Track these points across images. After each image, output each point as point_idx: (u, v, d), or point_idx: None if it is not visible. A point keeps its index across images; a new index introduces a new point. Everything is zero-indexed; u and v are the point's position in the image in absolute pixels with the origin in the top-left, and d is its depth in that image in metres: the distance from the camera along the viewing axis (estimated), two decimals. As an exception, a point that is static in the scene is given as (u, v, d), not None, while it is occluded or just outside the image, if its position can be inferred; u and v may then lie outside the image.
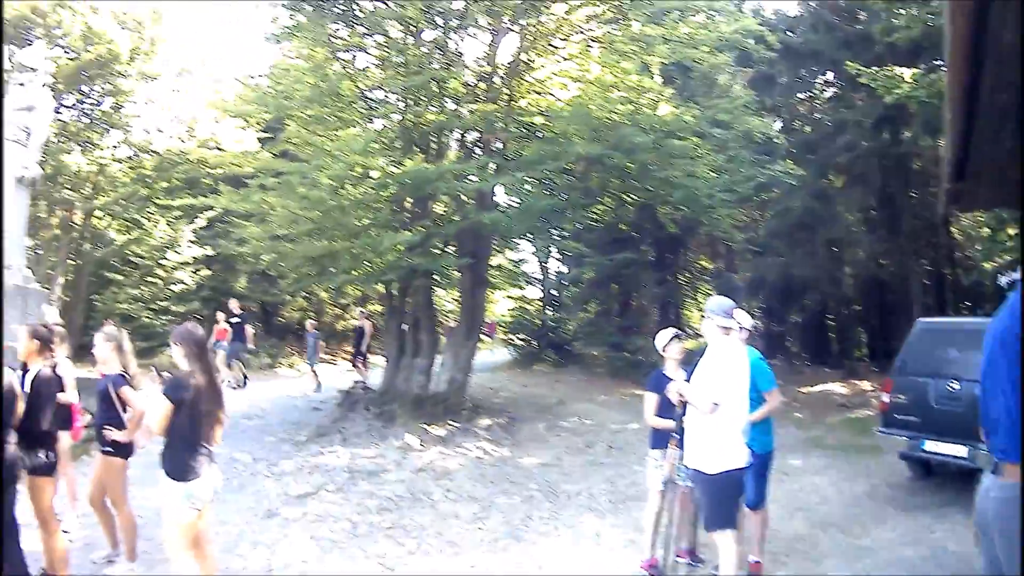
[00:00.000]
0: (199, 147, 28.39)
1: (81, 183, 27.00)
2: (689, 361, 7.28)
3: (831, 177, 27.60)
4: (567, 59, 17.00)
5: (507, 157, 16.90)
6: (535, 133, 17.69)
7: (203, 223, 28.72)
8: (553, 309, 32.60)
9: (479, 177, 15.38)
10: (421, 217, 16.30)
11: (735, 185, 17.61)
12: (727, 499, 6.46)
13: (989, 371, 3.84)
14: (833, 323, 34.29)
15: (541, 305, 32.87)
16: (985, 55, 2.75)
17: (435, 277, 17.97)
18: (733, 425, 6.34)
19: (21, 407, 6.09)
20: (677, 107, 17.13)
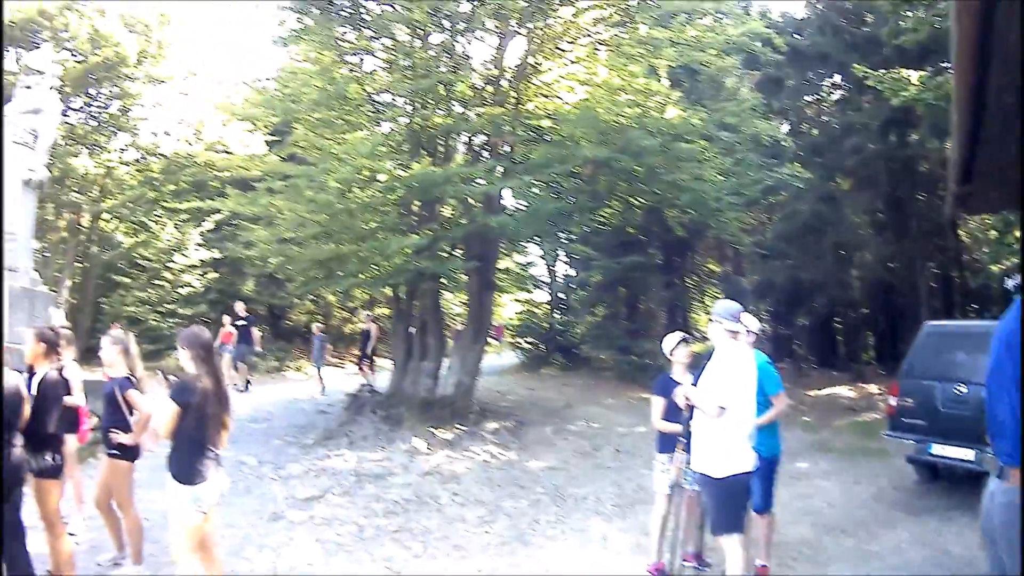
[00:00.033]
0: (207, 150, 28.41)
1: (88, 186, 27.01)
2: (696, 365, 7.27)
3: (839, 180, 27.62)
4: (574, 62, 16.96)
5: (514, 160, 16.89)
6: (542, 136, 17.67)
7: (210, 226, 28.80)
8: (561, 312, 32.57)
9: (486, 180, 15.36)
10: (428, 220, 16.31)
11: (743, 188, 17.62)
12: (733, 503, 6.45)
13: (995, 374, 3.82)
14: (840, 326, 34.32)
15: (548, 308, 32.86)
16: (991, 57, 2.74)
17: (442, 280, 17.95)
18: (740, 429, 6.32)
19: (27, 410, 6.10)
20: (685, 110, 17.12)
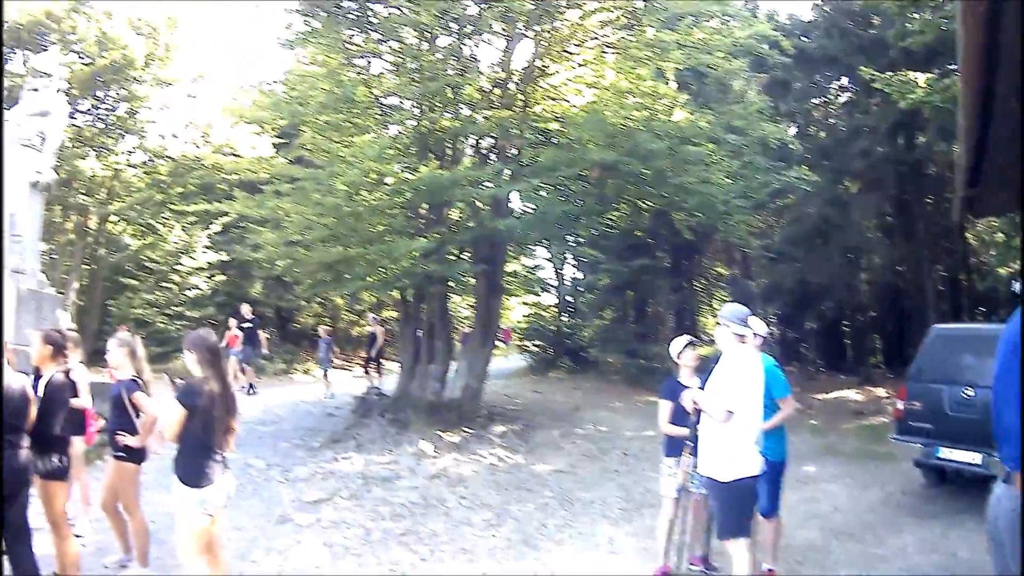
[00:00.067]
0: (214, 153, 28.54)
1: (96, 188, 27.10)
2: (704, 368, 7.26)
3: (846, 183, 27.54)
4: (582, 65, 16.98)
5: (522, 163, 16.89)
6: (550, 139, 17.65)
7: (218, 228, 28.89)
8: (568, 316, 32.58)
9: (494, 183, 15.35)
10: (436, 224, 16.30)
11: (750, 191, 17.60)
12: (740, 507, 6.43)
13: (1002, 378, 3.78)
14: (848, 329, 34.23)
15: (556, 312, 32.80)
16: (998, 59, 2.73)
17: (450, 284, 17.93)
18: (747, 433, 6.31)
19: (34, 412, 6.12)
20: (692, 113, 17.09)
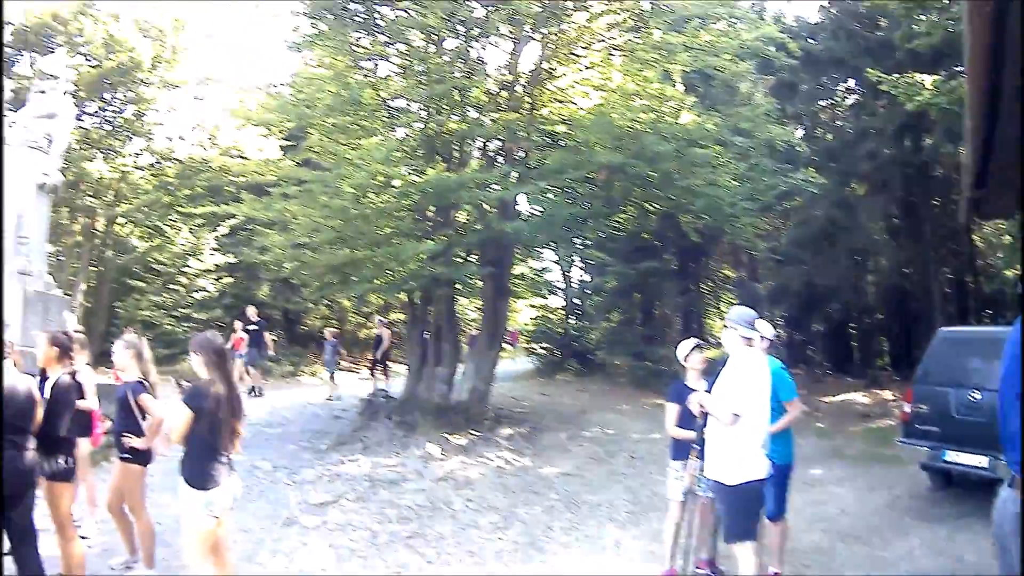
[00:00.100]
0: (221, 155, 28.54)
1: (103, 190, 27.12)
2: (711, 371, 7.25)
3: (853, 185, 27.49)
4: (589, 67, 16.97)
5: (529, 166, 16.88)
6: (557, 142, 17.62)
7: (225, 231, 28.89)
8: (576, 318, 32.56)
9: (501, 186, 15.36)
10: (443, 226, 16.28)
11: (757, 194, 17.55)
12: (747, 510, 6.43)
13: (1008, 380, 3.77)
14: (855, 332, 34.19)
15: (564, 314, 32.82)
16: (1005, 60, 2.72)
17: (457, 286, 17.90)
18: (753, 436, 6.30)
19: (40, 413, 6.12)
20: (699, 115, 17.05)
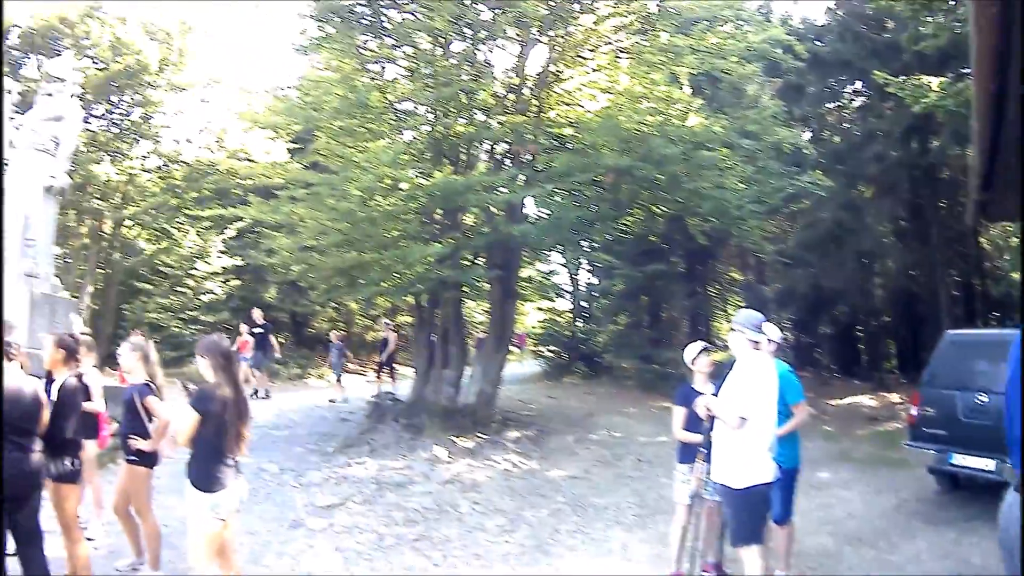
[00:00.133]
0: (229, 158, 28.55)
1: (111, 193, 27.19)
2: (718, 374, 7.23)
3: (861, 188, 27.43)
4: (596, 70, 16.97)
5: (536, 169, 16.86)
6: (564, 144, 17.56)
7: (233, 233, 28.95)
8: (583, 321, 32.55)
9: (508, 189, 15.35)
10: (451, 229, 16.30)
11: (764, 196, 17.50)
12: (753, 514, 6.42)
13: (1015, 383, 3.75)
14: (862, 335, 34.13)
15: (571, 317, 32.81)
16: (1011, 62, 2.71)
17: (465, 289, 17.94)
18: (760, 440, 6.29)
19: (47, 415, 6.13)
20: (706, 118, 17.04)
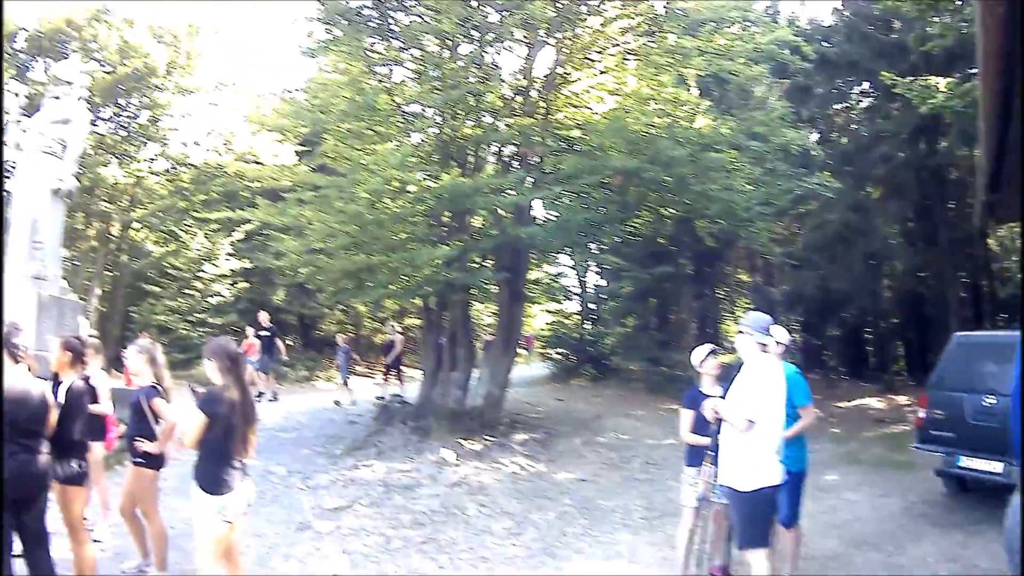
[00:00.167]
0: (236, 160, 28.62)
1: (118, 195, 27.31)
2: (726, 377, 7.22)
3: (868, 189, 27.37)
4: (603, 72, 16.94)
5: (544, 171, 16.84)
6: (572, 146, 17.54)
7: (241, 236, 29.00)
8: (591, 323, 32.43)
9: (516, 191, 15.30)
10: (459, 231, 16.29)
11: (772, 198, 17.44)
12: (760, 517, 6.41)
13: (1018, 386, 3.72)
14: (870, 337, 34.09)
15: (579, 319, 32.72)
16: (1017, 62, 2.69)
17: (472, 291, 17.91)
18: (768, 443, 6.28)
19: (54, 417, 6.14)
20: (714, 119, 17.04)
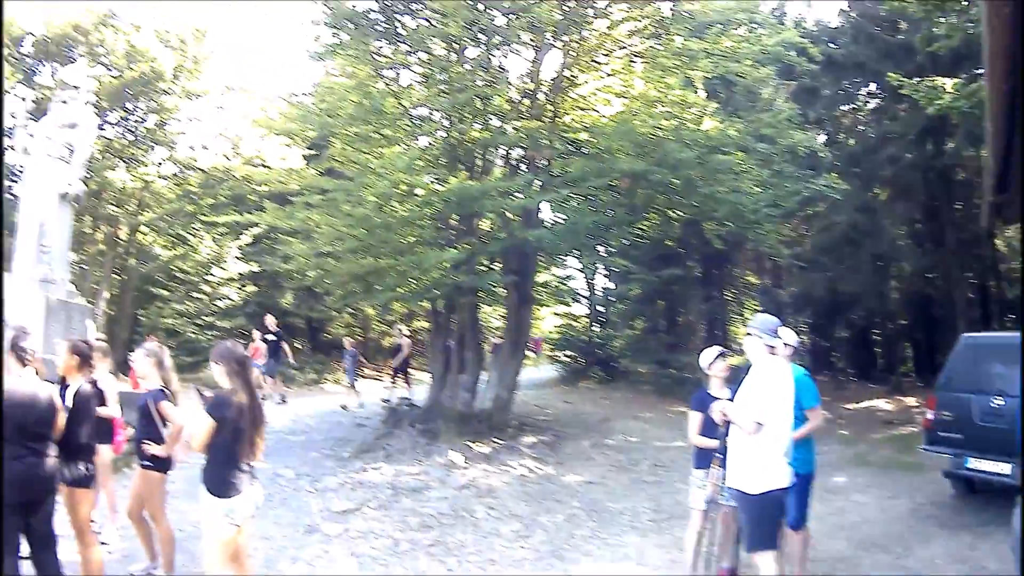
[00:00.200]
0: (244, 164, 28.68)
1: (126, 199, 27.39)
2: (734, 379, 7.21)
3: (876, 190, 27.36)
4: (610, 75, 16.94)
5: (552, 174, 16.82)
6: (580, 149, 17.56)
7: (249, 239, 29.10)
8: (599, 326, 32.42)
9: (524, 194, 15.28)
10: (466, 235, 16.28)
11: (780, 200, 17.43)
12: (768, 519, 6.40)
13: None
14: (879, 338, 34.06)
15: (587, 322, 32.70)
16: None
17: (480, 294, 17.89)
18: (776, 445, 6.27)
19: (62, 420, 6.16)
20: (721, 121, 17.05)
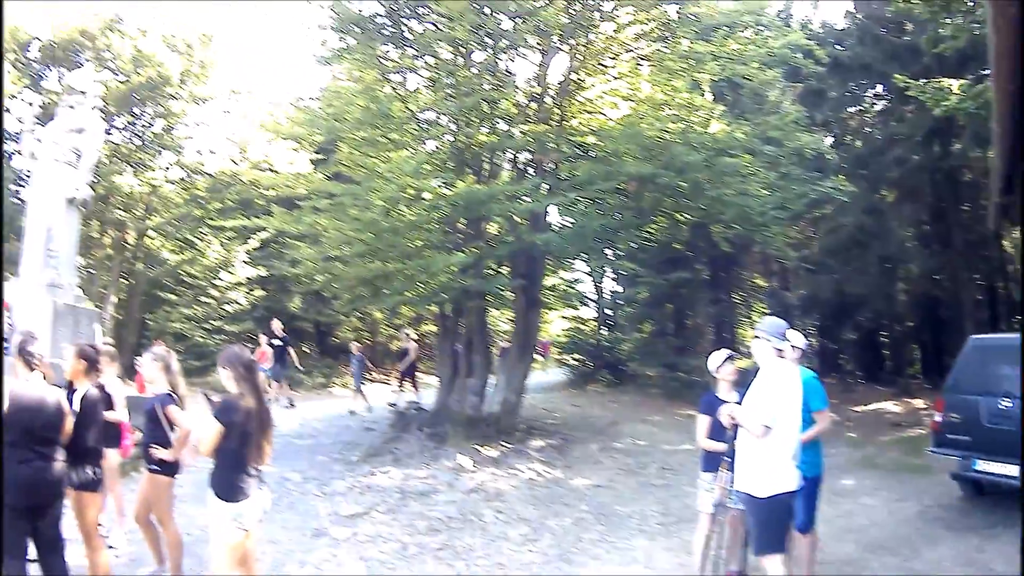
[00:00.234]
0: (252, 168, 28.62)
1: (134, 204, 27.41)
2: (743, 382, 7.20)
3: (883, 192, 27.34)
4: (617, 78, 16.92)
5: (559, 177, 16.82)
6: (587, 153, 17.54)
7: (256, 244, 29.15)
8: (607, 329, 32.44)
9: (532, 198, 15.29)
10: (474, 238, 16.26)
11: (787, 202, 17.43)
12: (776, 523, 6.39)
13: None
14: (886, 340, 34.00)
15: (595, 325, 32.70)
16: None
17: (488, 298, 17.88)
18: (784, 448, 6.26)
19: (69, 424, 6.18)
20: (728, 124, 17.02)
